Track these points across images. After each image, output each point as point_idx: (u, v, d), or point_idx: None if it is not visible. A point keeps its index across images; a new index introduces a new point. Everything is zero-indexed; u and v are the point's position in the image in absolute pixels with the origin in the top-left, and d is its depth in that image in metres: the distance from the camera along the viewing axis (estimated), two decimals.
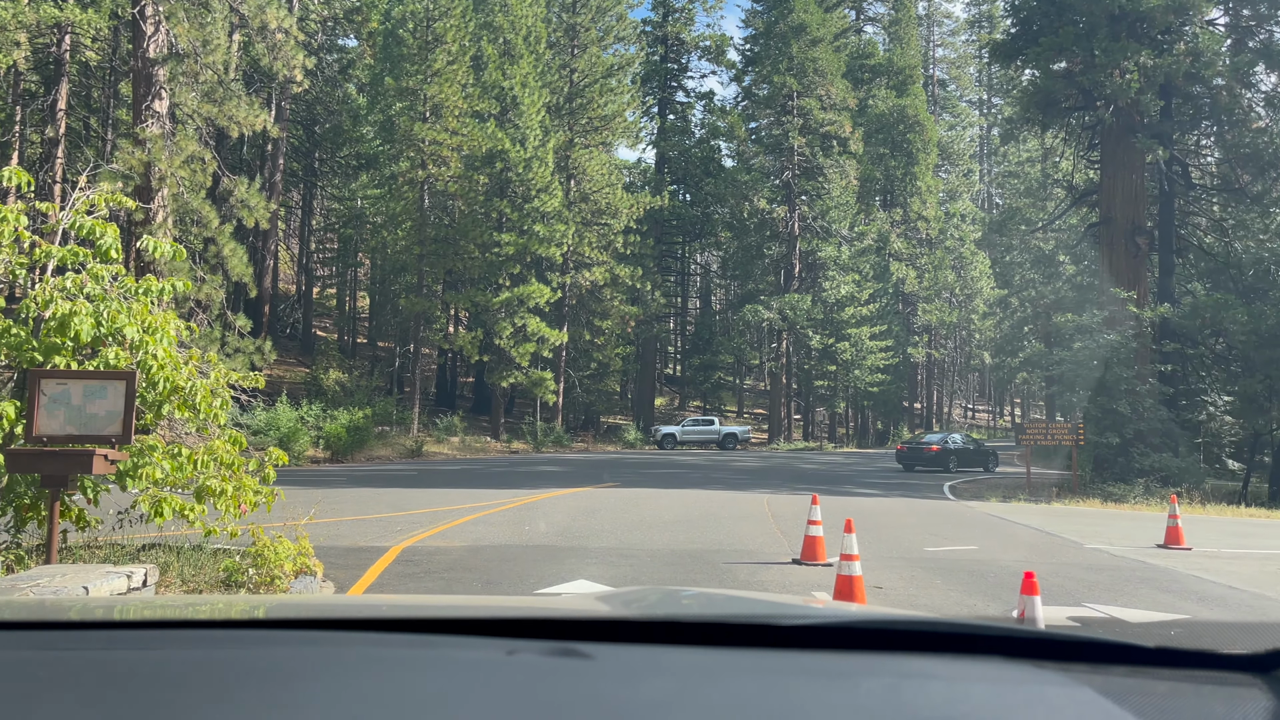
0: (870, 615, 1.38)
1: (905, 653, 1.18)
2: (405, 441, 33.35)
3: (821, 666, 1.13)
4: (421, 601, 2.10)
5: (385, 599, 2.62)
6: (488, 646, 1.15)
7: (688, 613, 1.32)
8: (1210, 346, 26.97)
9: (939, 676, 1.10)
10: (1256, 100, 28.80)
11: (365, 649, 1.15)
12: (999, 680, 1.10)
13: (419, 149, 38.25)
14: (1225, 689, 1.12)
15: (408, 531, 12.21)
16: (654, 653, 1.15)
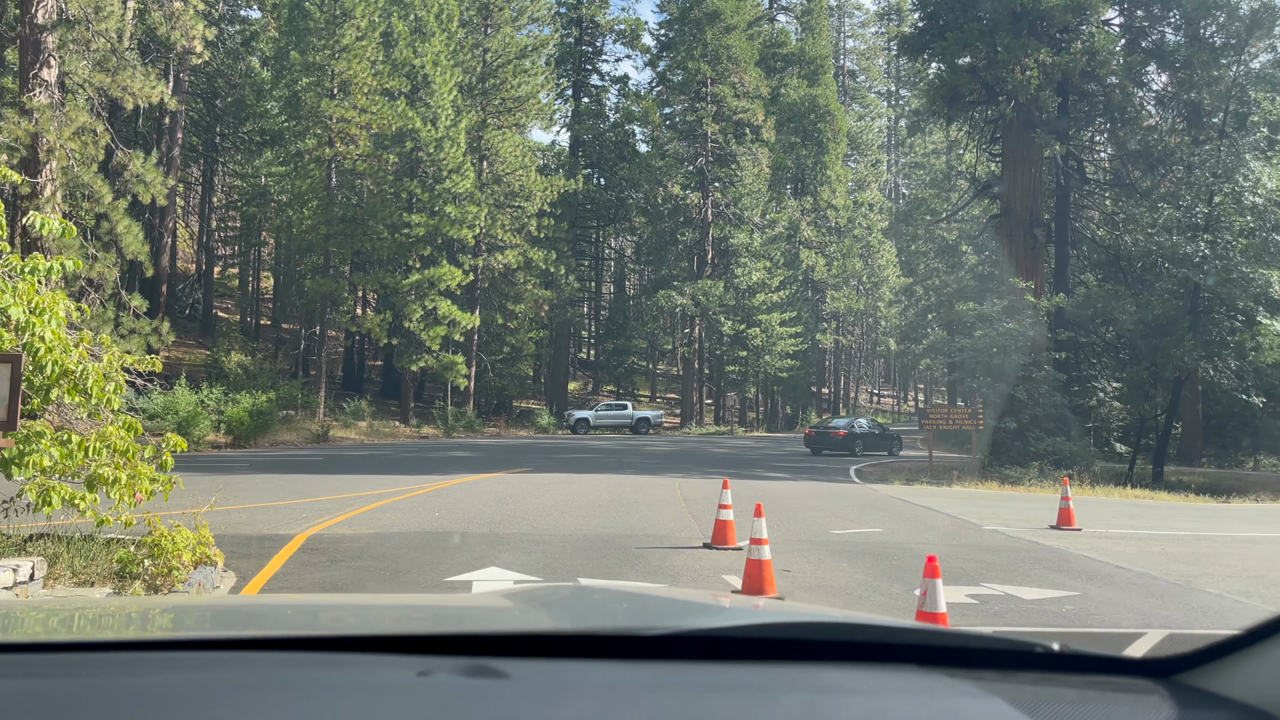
0: (785, 619, 1.37)
1: (822, 663, 1.17)
2: (311, 426, 32.59)
3: (740, 681, 1.12)
4: (327, 602, 2.03)
5: (290, 600, 2.51)
6: (398, 666, 1.09)
7: (606, 625, 1.28)
8: (1101, 335, 28.13)
9: (857, 691, 1.10)
10: (1148, 99, 30.08)
11: (267, 672, 1.07)
12: (915, 694, 1.11)
13: (326, 126, 37.24)
14: (1128, 695, 1.15)
15: (314, 519, 11.93)
16: (572, 669, 1.12)
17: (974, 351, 25.47)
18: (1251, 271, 23.11)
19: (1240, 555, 11.28)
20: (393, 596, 3.66)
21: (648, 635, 1.21)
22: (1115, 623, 7.16)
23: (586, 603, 1.71)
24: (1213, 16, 26.55)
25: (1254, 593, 8.61)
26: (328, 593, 7.52)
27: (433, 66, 38.34)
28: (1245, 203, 23.91)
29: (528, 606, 1.52)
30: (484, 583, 8.14)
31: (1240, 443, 42.33)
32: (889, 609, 7.45)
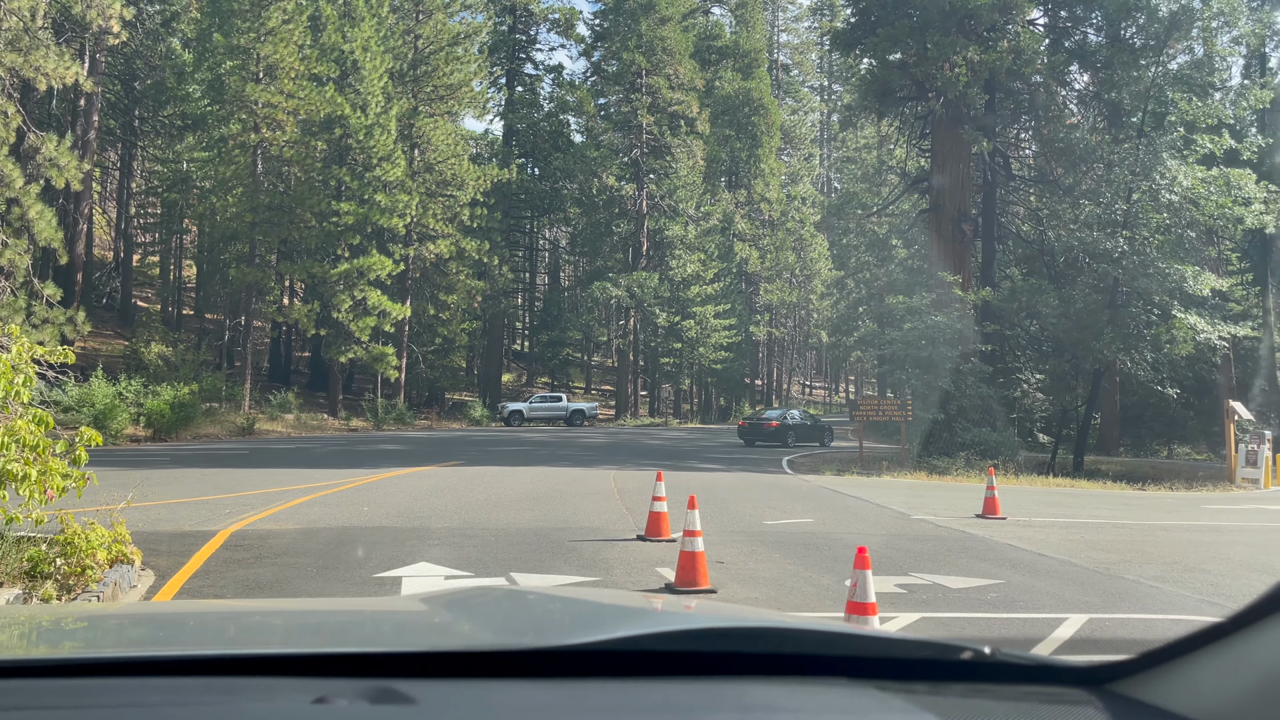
0: (714, 625, 1.30)
1: (751, 677, 1.12)
2: (236, 419, 31.80)
3: (664, 701, 1.06)
4: (231, 610, 1.91)
5: (189, 608, 2.37)
6: (295, 691, 0.99)
7: (524, 641, 1.21)
8: (1026, 328, 28.81)
9: (784, 709, 1.05)
10: (1070, 98, 30.86)
11: (155, 700, 0.97)
12: (844, 711, 1.06)
13: (251, 111, 36.29)
14: (1062, 706, 1.12)
15: (237, 514, 11.62)
16: (485, 691, 1.04)
17: (903, 344, 25.89)
18: (1167, 267, 23.89)
19: (1155, 542, 11.64)
20: (303, 602, 3.52)
21: (568, 650, 1.14)
22: (1038, 609, 7.32)
23: (510, 608, 1.62)
24: (1133, 18, 27.31)
25: (1169, 578, 8.88)
26: (248, 592, 7.31)
27: (362, 52, 37.61)
28: (1162, 200, 24.68)
29: (448, 614, 1.44)
30: (414, 578, 8.01)
31: (1155, 432, 43.85)
32: (820, 600, 7.51)
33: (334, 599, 5.06)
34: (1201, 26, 27.35)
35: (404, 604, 1.88)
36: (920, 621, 6.76)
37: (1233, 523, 14.51)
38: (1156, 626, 6.89)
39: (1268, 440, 23.24)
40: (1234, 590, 8.35)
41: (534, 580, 8.00)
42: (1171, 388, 27.55)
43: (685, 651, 1.17)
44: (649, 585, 7.92)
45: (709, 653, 1.17)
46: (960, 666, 1.19)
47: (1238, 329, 26.66)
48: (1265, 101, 28.97)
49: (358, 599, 4.31)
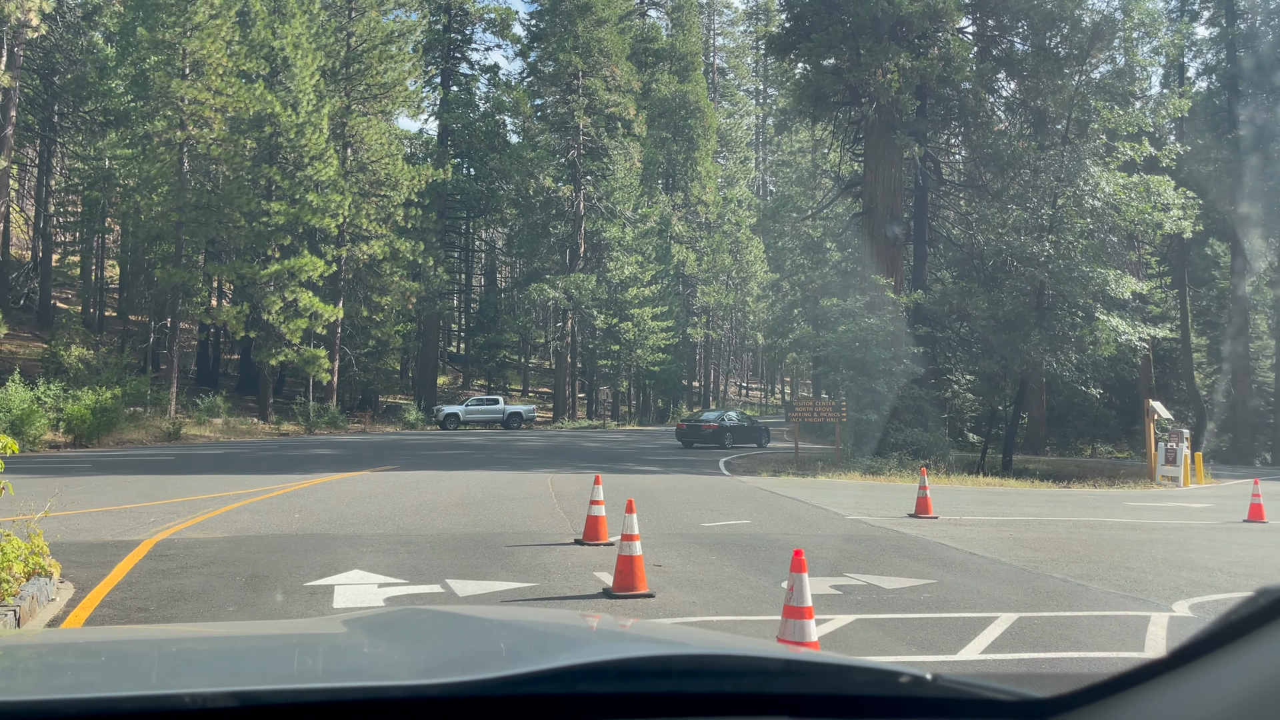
0: (647, 654, 1.25)
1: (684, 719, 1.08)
2: (161, 424, 30.93)
3: None
4: (126, 638, 1.81)
5: (76, 638, 2.22)
6: None
7: (446, 681, 1.14)
8: (956, 330, 29.42)
9: None
10: (998, 105, 31.59)
11: None
12: None
13: (177, 108, 35.34)
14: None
15: (163, 523, 11.28)
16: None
17: (838, 346, 26.23)
18: (1091, 271, 24.58)
19: (1081, 540, 11.95)
20: (210, 627, 3.37)
21: (487, 694, 1.08)
22: (970, 608, 7.44)
23: (438, 633, 1.56)
24: (1057, 28, 28.06)
25: (1094, 576, 9.11)
26: (172, 603, 7.09)
27: (293, 49, 36.88)
28: (1085, 206, 25.39)
29: (371, 640, 1.37)
30: (347, 586, 7.85)
31: (1080, 431, 45.12)
32: (757, 602, 7.54)
33: (246, 623, 4.89)
34: (1123, 37, 28.21)
35: (325, 627, 1.78)
36: (855, 623, 6.82)
37: (1153, 520, 14.97)
38: (1082, 623, 7.05)
39: (1185, 438, 24.03)
40: (1156, 586, 8.60)
41: (471, 587, 7.90)
42: (1095, 388, 28.35)
43: (622, 692, 1.13)
44: (587, 590, 7.88)
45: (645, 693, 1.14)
46: (901, 702, 1.17)
47: (1157, 331, 27.59)
48: (1183, 110, 30.02)
49: (272, 622, 4.17)
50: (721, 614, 7.11)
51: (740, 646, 1.47)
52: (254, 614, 6.86)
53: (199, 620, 6.65)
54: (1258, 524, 14.30)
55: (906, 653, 6.06)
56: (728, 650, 1.29)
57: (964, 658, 5.96)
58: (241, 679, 1.23)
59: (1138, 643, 6.48)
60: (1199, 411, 42.54)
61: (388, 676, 1.19)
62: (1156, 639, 6.58)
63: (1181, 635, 6.65)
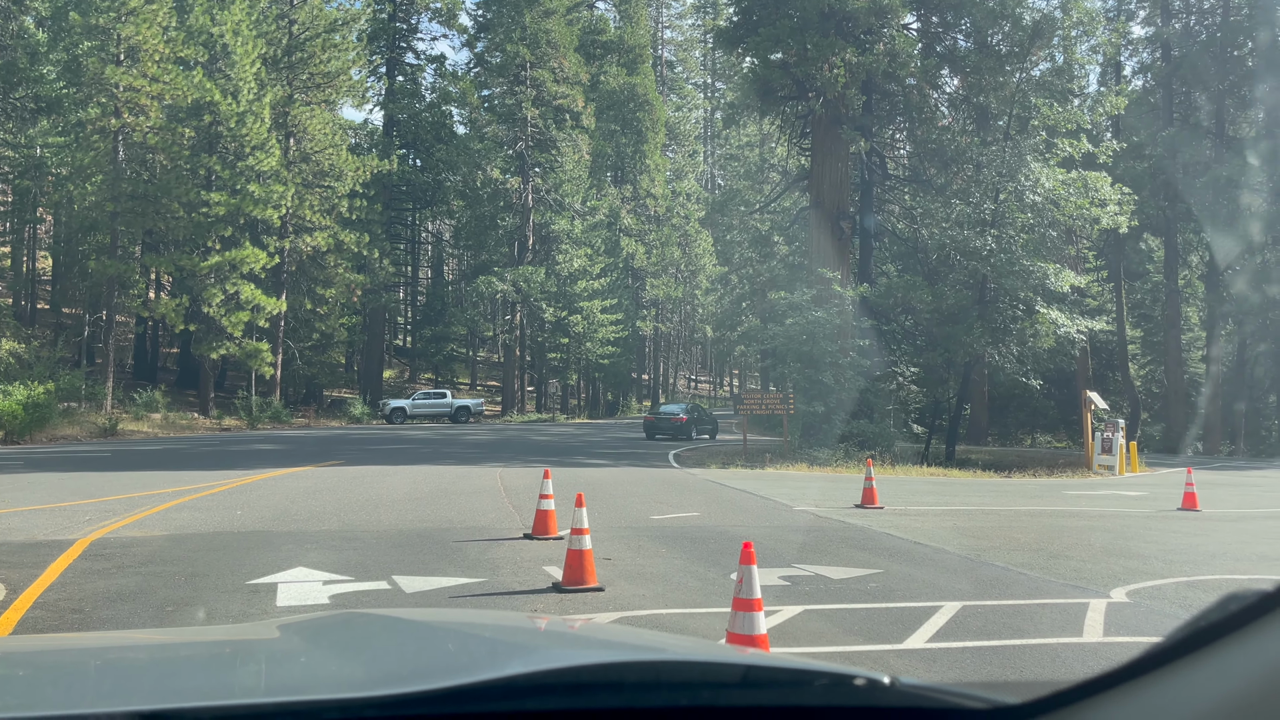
0: (592, 672, 1.20)
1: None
2: (97, 419, 30.15)
3: None
4: (50, 648, 1.73)
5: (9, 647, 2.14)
6: None
7: (363, 701, 1.06)
8: (901, 323, 29.80)
9: None
10: (942, 101, 32.00)
11: None
12: None
13: (112, 95, 34.40)
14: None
15: (99, 521, 10.99)
16: None
17: (785, 339, 26.42)
18: (1031, 264, 25.05)
19: (1022, 528, 12.19)
20: (138, 635, 3.26)
21: (426, 712, 1.03)
22: (915, 598, 7.54)
23: (377, 642, 1.50)
24: (999, 26, 28.50)
25: (1035, 564, 9.30)
26: (109, 604, 6.90)
27: (233, 36, 36.10)
28: (1026, 201, 25.85)
29: (307, 646, 1.32)
30: (291, 584, 7.71)
31: (1021, 422, 46.05)
32: (706, 595, 7.56)
33: (178, 629, 4.75)
34: (1062, 35, 28.76)
35: (260, 633, 1.70)
36: (804, 614, 6.88)
37: (1091, 508, 15.32)
38: (1024, 611, 7.19)
39: (1121, 428, 24.64)
40: (1094, 574, 8.80)
41: (418, 583, 7.81)
42: (1035, 379, 28.90)
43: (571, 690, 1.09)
44: (536, 585, 7.84)
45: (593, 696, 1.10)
46: (867, 712, 1.15)
47: (1094, 323, 28.21)
48: (1120, 108, 30.67)
49: (206, 628, 4.06)
50: (671, 607, 7.12)
51: (696, 652, 1.45)
52: (194, 614, 6.71)
53: (136, 621, 6.49)
54: (1191, 512, 14.71)
55: (854, 643, 6.12)
56: (683, 657, 1.26)
57: (910, 647, 6.03)
58: (162, 696, 1.18)
59: (1077, 628, 6.62)
60: (1134, 402, 43.68)
61: (323, 689, 1.14)
62: (1095, 625, 6.73)
63: (1119, 622, 6.82)
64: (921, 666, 5.58)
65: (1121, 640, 6.31)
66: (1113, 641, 6.27)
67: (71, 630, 6.22)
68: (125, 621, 6.47)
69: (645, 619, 6.73)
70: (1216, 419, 41.32)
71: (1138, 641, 6.29)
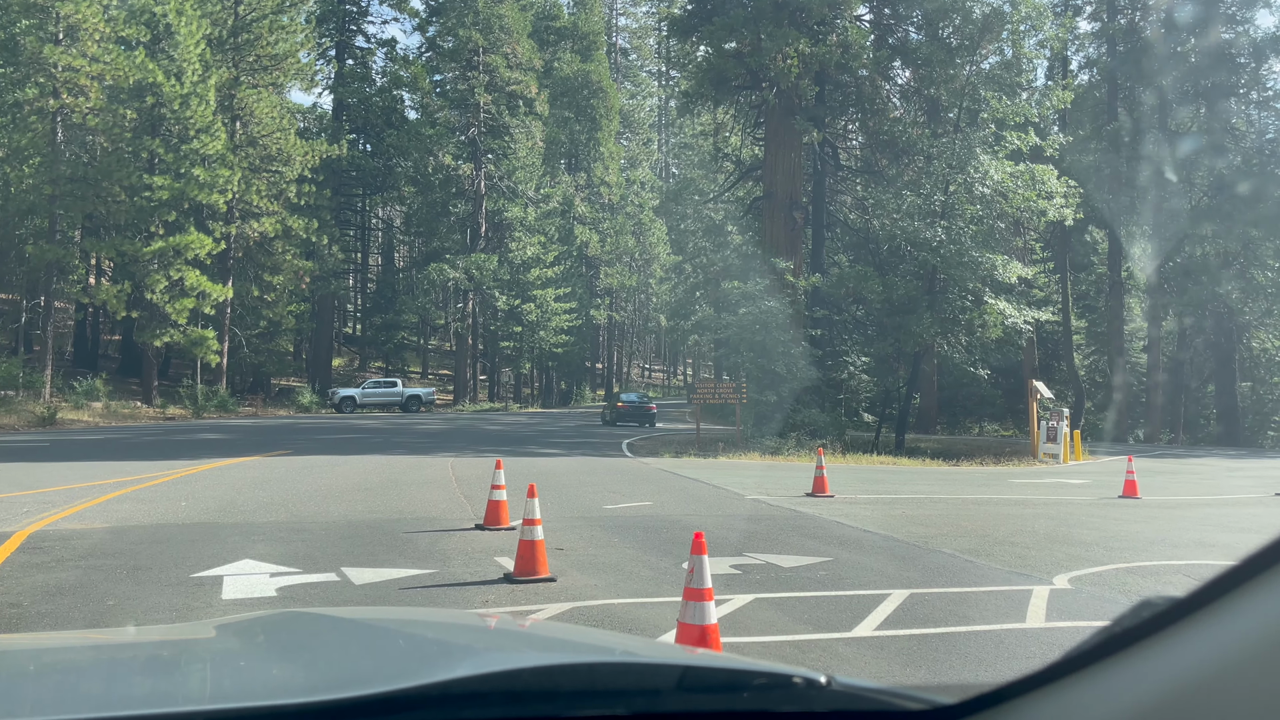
0: (527, 678, 1.18)
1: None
2: (35, 408, 29.41)
3: None
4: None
5: None
6: None
7: (287, 707, 1.04)
8: (852, 313, 30.10)
9: None
10: (894, 93, 32.31)
11: None
12: None
13: (50, 75, 33.44)
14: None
15: (36, 513, 10.71)
16: None
17: (738, 328, 26.56)
18: (980, 256, 25.42)
19: (969, 516, 12.38)
20: (65, 636, 3.17)
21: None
22: (864, 585, 7.63)
23: (315, 644, 1.46)
24: (950, 19, 28.83)
25: (981, 551, 9.45)
26: (48, 599, 6.73)
27: (176, 16, 35.26)
28: (975, 192, 26.22)
29: (243, 647, 1.28)
30: (236, 576, 7.59)
31: (969, 410, 46.81)
32: (658, 584, 7.58)
33: (111, 630, 4.63)
34: (1011, 30, 29.14)
35: (196, 633, 1.65)
36: (754, 603, 6.92)
37: (1036, 496, 15.62)
38: (970, 598, 7.31)
39: (1065, 417, 25.14)
40: (1038, 561, 8.97)
41: (367, 574, 7.73)
42: (983, 369, 29.45)
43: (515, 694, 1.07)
44: (487, 576, 7.79)
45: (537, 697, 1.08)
46: (804, 717, 1.14)
47: (1041, 314, 28.73)
48: (1066, 102, 31.19)
49: (141, 628, 3.96)
50: (623, 597, 7.12)
51: (636, 653, 1.43)
52: (136, 608, 6.57)
53: (76, 616, 6.34)
54: (1132, 500, 15.05)
55: (804, 631, 6.17)
56: (620, 659, 1.24)
57: (859, 635, 6.10)
58: (99, 703, 1.14)
59: (1020, 615, 6.74)
60: (1078, 391, 44.60)
61: (260, 695, 1.11)
62: (1038, 610, 6.86)
63: (1061, 607, 6.96)
64: (870, 654, 5.64)
65: (1062, 625, 6.44)
66: (1054, 627, 6.40)
67: (8, 625, 6.06)
68: (64, 616, 6.32)
69: (597, 609, 6.73)
70: (1157, 408, 42.37)
71: (1078, 626, 6.42)
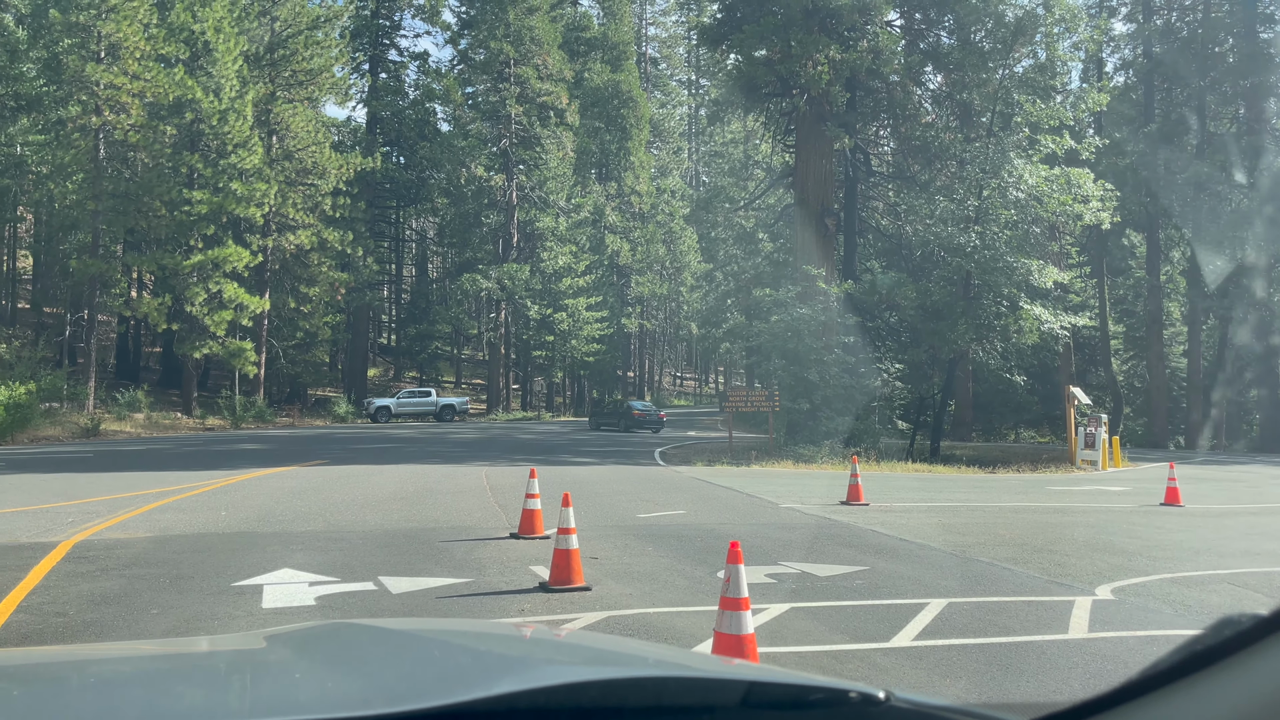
0: (589, 679, 1.18)
1: None
2: (79, 420, 29.93)
3: None
4: (50, 659, 1.72)
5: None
6: None
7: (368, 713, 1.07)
8: (886, 320, 29.88)
9: None
10: (925, 97, 32.10)
11: None
12: None
13: (93, 93, 34.12)
14: None
15: (82, 523, 10.91)
16: None
17: (770, 336, 26.46)
18: (1015, 261, 25.14)
19: (1006, 524, 12.25)
20: (121, 647, 3.21)
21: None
22: (901, 595, 7.57)
23: (369, 655, 1.48)
24: (982, 23, 28.60)
25: (1020, 559, 9.35)
26: (93, 608, 6.84)
27: (214, 33, 35.85)
28: (1010, 197, 25.95)
29: (295, 658, 1.30)
30: (276, 585, 7.68)
31: (1004, 417, 46.28)
32: (693, 593, 7.57)
33: (162, 641, 4.71)
34: (1044, 32, 28.86)
35: (247, 644, 1.67)
36: (790, 612, 6.89)
37: (1074, 503, 15.42)
38: (1009, 608, 7.23)
39: (1104, 423, 24.78)
40: (1079, 570, 8.85)
41: (404, 584, 7.79)
42: (1019, 375, 29.10)
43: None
44: (523, 585, 7.82)
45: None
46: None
47: (1077, 319, 28.36)
48: (1102, 104, 30.78)
49: (192, 639, 4.02)
50: (658, 606, 7.12)
51: (694, 666, 1.42)
52: (179, 617, 6.67)
53: (121, 624, 6.44)
54: (1174, 508, 14.81)
55: (841, 641, 6.13)
56: (685, 674, 1.24)
57: (897, 645, 6.05)
58: (155, 717, 1.16)
59: (1062, 625, 6.65)
60: (1116, 397, 43.96)
61: (320, 708, 1.13)
62: (1080, 621, 6.76)
63: (1104, 618, 6.86)
64: (908, 665, 5.60)
65: (1106, 636, 6.35)
66: (1098, 638, 6.31)
67: (55, 634, 6.17)
68: (109, 625, 6.43)
69: (632, 618, 6.73)
70: (1199, 414, 41.64)
71: (1123, 637, 6.33)
